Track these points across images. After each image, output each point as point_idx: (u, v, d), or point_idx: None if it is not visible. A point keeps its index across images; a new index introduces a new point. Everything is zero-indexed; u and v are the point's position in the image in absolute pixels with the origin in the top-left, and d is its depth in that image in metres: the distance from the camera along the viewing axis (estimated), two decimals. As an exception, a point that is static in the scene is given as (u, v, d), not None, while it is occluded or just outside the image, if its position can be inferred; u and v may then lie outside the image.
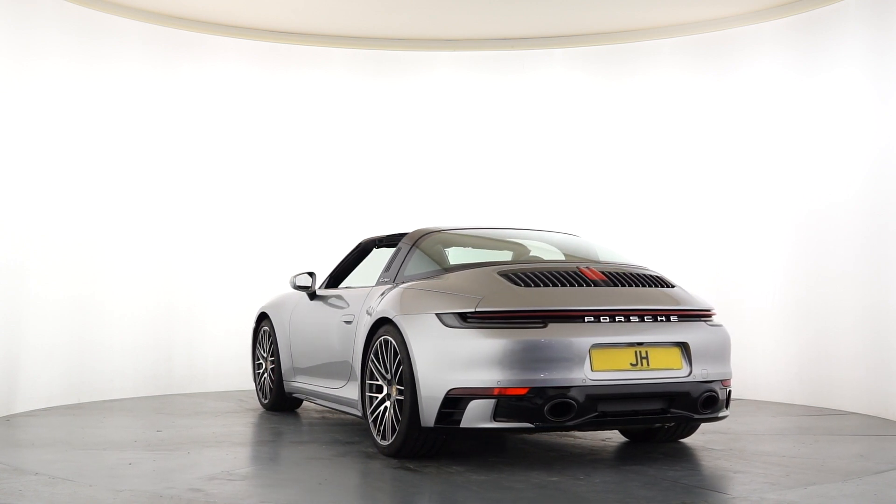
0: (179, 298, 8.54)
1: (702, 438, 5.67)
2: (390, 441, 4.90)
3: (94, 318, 7.87)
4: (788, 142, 7.98)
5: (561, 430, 4.53)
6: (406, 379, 4.75)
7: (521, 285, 4.75)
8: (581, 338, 4.52)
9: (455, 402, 4.53)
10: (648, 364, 4.64)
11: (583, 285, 4.81)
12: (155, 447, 5.37)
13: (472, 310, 4.60)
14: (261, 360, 7.42)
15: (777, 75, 8.09)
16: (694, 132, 8.67)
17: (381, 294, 5.35)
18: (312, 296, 6.56)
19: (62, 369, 7.52)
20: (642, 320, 4.73)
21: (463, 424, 4.52)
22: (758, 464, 4.85)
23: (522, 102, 9.27)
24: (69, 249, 7.63)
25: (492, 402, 4.45)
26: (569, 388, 4.44)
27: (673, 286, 5.12)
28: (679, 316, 4.85)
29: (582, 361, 4.48)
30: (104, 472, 4.59)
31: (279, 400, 7.10)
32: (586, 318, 4.61)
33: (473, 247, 6.15)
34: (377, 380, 5.08)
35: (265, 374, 7.30)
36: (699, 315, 4.97)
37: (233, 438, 5.74)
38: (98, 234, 7.93)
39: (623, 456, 5.12)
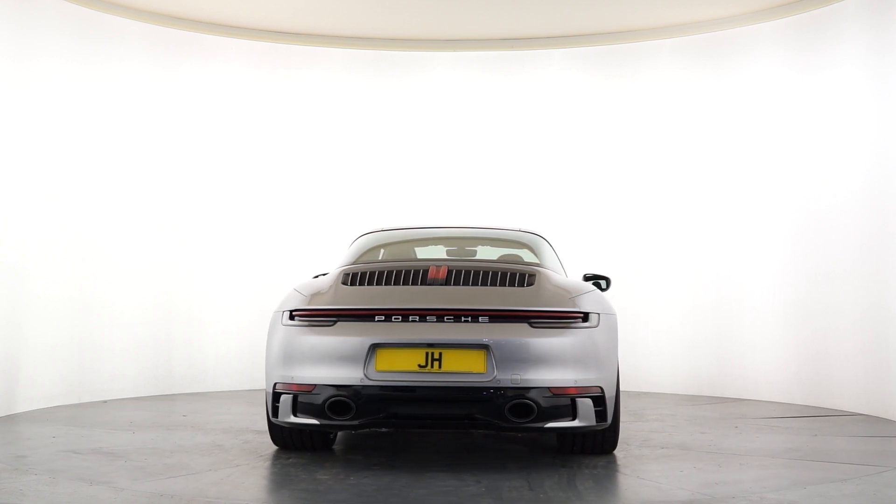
0: (179, 298, 8.54)
1: (638, 451, 5.25)
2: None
3: (95, 318, 7.87)
4: (788, 142, 7.99)
5: (351, 430, 4.66)
6: None
7: (347, 284, 4.82)
8: (363, 337, 4.50)
9: (278, 396, 4.70)
10: (440, 366, 4.45)
11: (416, 284, 4.75)
12: (159, 446, 5.38)
13: (294, 308, 4.74)
14: None
15: (777, 75, 8.09)
16: (694, 132, 8.67)
17: None
18: None
19: (63, 369, 7.52)
20: (441, 320, 4.53)
21: (279, 418, 4.69)
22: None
23: (522, 103, 9.27)
24: (69, 249, 7.63)
25: (290, 397, 4.61)
26: (347, 386, 4.46)
27: (529, 285, 4.74)
28: (491, 317, 4.54)
29: (362, 361, 4.47)
30: (104, 471, 4.59)
31: None
32: (376, 318, 4.57)
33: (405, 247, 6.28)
34: None
35: None
36: (526, 316, 4.54)
37: (198, 427, 5.76)
38: (98, 234, 7.93)
39: (513, 460, 4.90)
